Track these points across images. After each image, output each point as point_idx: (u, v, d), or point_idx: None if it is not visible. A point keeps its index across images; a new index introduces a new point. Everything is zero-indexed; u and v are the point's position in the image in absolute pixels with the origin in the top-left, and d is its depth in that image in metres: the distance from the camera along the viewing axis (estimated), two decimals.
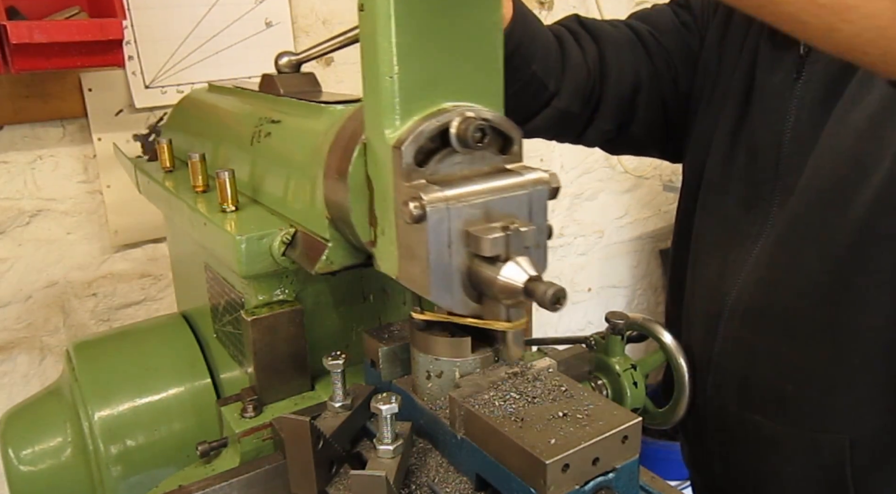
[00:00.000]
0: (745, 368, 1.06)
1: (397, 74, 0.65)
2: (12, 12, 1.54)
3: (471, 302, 0.68)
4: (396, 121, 0.66)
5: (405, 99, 0.66)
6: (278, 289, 0.92)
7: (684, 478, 2.71)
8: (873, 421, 0.97)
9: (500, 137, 0.71)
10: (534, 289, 0.62)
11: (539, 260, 0.68)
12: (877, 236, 0.91)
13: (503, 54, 0.71)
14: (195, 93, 1.33)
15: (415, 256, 0.66)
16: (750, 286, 1.04)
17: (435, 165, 0.67)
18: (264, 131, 0.95)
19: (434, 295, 0.66)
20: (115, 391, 1.05)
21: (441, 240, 0.64)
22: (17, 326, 1.83)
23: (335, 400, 0.80)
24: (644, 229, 3.22)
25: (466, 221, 0.65)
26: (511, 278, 0.63)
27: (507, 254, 0.64)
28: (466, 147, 0.66)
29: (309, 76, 1.02)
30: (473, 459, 0.70)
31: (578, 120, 1.15)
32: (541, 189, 0.69)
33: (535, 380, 0.73)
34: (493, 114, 0.70)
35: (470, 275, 0.66)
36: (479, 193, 0.66)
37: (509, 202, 0.67)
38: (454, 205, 0.64)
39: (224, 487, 0.78)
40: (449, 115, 0.66)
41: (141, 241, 1.94)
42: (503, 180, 0.68)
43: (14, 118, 1.71)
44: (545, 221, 0.70)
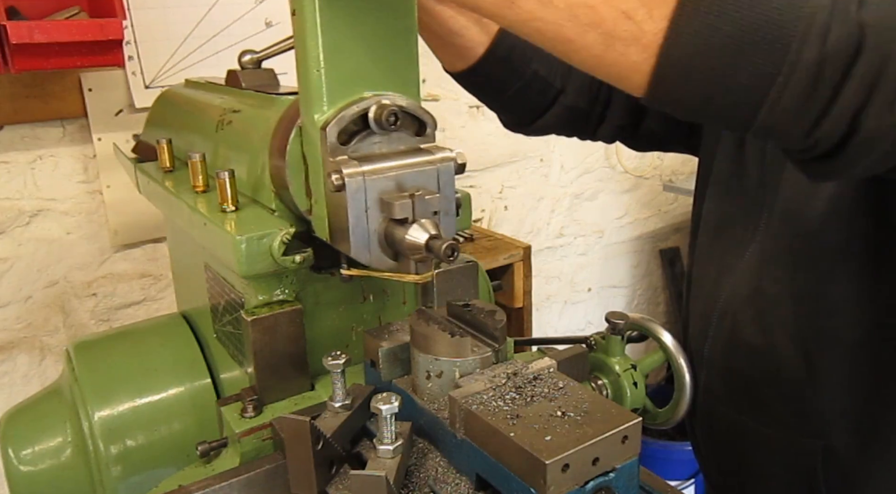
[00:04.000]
0: (731, 370, 1.07)
1: (323, 69, 0.77)
2: (12, 12, 1.54)
3: (387, 259, 0.80)
4: (324, 107, 0.78)
5: (330, 89, 0.78)
6: (278, 289, 0.92)
7: (684, 478, 2.72)
8: (844, 430, 0.98)
9: (415, 122, 0.83)
10: (432, 245, 0.74)
11: (448, 225, 0.80)
12: (830, 248, 0.92)
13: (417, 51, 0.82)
14: (174, 88, 1.38)
15: (340, 221, 0.78)
16: (737, 290, 1.05)
17: (356, 144, 0.79)
18: (227, 120, 1.04)
19: (354, 252, 0.78)
20: (115, 391, 1.05)
21: (359, 205, 0.76)
22: (17, 326, 1.83)
23: (335, 400, 0.80)
24: (644, 229, 3.22)
25: (381, 191, 0.77)
26: (415, 237, 0.75)
27: (413, 217, 0.76)
28: (382, 129, 0.79)
29: (269, 71, 1.13)
30: (473, 459, 0.70)
31: (589, 116, 1.16)
32: (448, 164, 0.81)
33: (535, 380, 0.73)
34: (407, 101, 0.82)
35: (385, 236, 0.78)
36: (393, 168, 0.78)
37: (419, 175, 0.79)
38: (370, 177, 0.76)
39: (224, 487, 0.78)
40: (368, 102, 0.79)
41: (141, 241, 1.94)
42: (414, 157, 0.80)
43: (14, 118, 1.72)
44: (453, 193, 0.82)
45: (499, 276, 2.23)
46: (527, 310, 2.30)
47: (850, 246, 0.92)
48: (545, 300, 2.93)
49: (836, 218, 0.91)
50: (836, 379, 0.97)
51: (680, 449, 2.65)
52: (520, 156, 2.71)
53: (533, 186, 2.79)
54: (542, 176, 2.80)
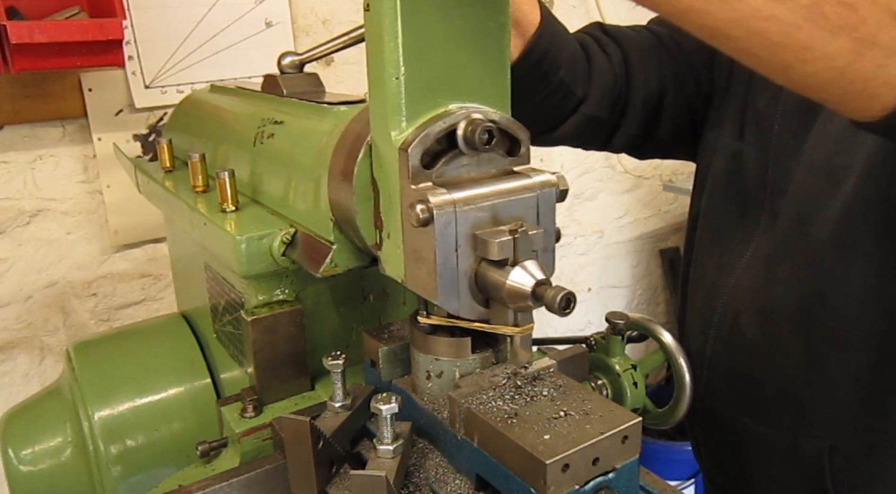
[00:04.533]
0: (733, 370, 1.07)
1: (404, 75, 0.65)
2: (12, 12, 1.54)
3: (478, 307, 0.68)
4: (402, 123, 0.66)
5: (411, 100, 0.66)
6: (278, 289, 0.92)
7: (684, 478, 2.72)
8: (851, 429, 0.98)
9: (507, 139, 0.70)
10: (542, 294, 0.62)
11: (547, 263, 0.67)
12: (846, 249, 0.92)
13: (509, 56, 0.71)
14: (197, 94, 1.32)
15: (421, 260, 0.66)
16: (738, 290, 1.05)
17: (441, 167, 0.66)
18: (267, 132, 0.94)
19: (441, 299, 0.66)
20: (115, 391, 1.05)
21: (448, 243, 0.64)
22: (17, 326, 1.83)
23: (335, 400, 0.80)
24: (644, 229, 3.22)
25: (474, 224, 0.65)
26: (519, 282, 0.63)
27: (514, 258, 0.64)
28: (473, 149, 0.66)
29: (312, 76, 1.02)
30: (473, 459, 0.70)
31: (606, 126, 1.15)
32: (548, 191, 0.69)
33: (535, 380, 0.73)
34: (500, 115, 0.69)
35: (477, 279, 0.66)
36: (487, 196, 0.65)
37: (517, 204, 0.67)
38: (461, 208, 0.64)
39: (224, 487, 0.78)
40: (456, 117, 0.66)
41: (141, 241, 1.94)
42: (511, 182, 0.68)
43: (14, 118, 1.71)
44: (553, 224, 0.70)
45: None
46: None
47: (863, 246, 0.92)
48: None
49: (852, 219, 0.91)
50: (842, 377, 0.96)
51: (680, 449, 2.65)
52: None
53: None
54: None
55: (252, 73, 1.93)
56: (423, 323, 0.74)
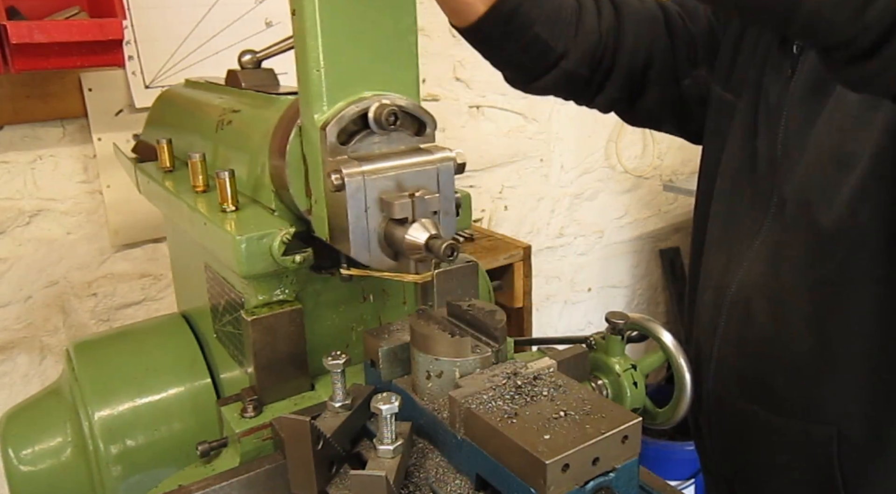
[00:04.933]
0: (742, 360, 1.08)
1: (323, 68, 0.77)
2: (12, 12, 1.54)
3: (386, 259, 0.80)
4: (324, 107, 0.78)
5: (330, 89, 0.78)
6: (278, 289, 0.92)
7: (684, 478, 2.72)
8: (859, 415, 0.99)
9: (415, 122, 0.83)
10: (432, 245, 0.74)
11: (448, 225, 0.81)
12: (854, 233, 0.94)
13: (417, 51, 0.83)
14: (173, 88, 1.39)
15: (340, 221, 0.78)
16: (747, 281, 1.06)
17: (356, 144, 0.79)
18: (227, 119, 1.05)
19: (354, 252, 0.78)
20: (115, 391, 1.05)
21: (358, 205, 0.76)
22: (17, 326, 1.83)
23: (335, 400, 0.80)
24: (644, 229, 3.22)
25: (381, 190, 0.77)
26: (414, 236, 0.75)
27: (413, 217, 0.76)
28: (382, 128, 0.79)
29: (269, 71, 1.14)
30: (473, 459, 0.70)
31: (589, 84, 1.17)
32: (447, 164, 0.81)
33: (535, 380, 0.73)
34: (407, 101, 0.82)
35: (385, 236, 0.78)
36: (393, 168, 0.78)
37: (419, 175, 0.79)
38: (370, 177, 0.76)
39: (224, 487, 0.78)
40: (368, 102, 0.79)
41: (141, 241, 1.94)
42: (414, 157, 0.80)
43: (14, 118, 1.71)
44: (453, 192, 0.82)
45: (499, 276, 2.23)
46: (527, 310, 2.29)
47: (872, 231, 0.92)
48: (545, 300, 2.93)
49: (862, 205, 0.92)
50: (852, 364, 0.97)
51: (680, 449, 2.65)
52: (520, 156, 2.71)
53: (533, 186, 2.79)
54: (542, 176, 2.80)
55: None
56: (345, 274, 0.86)
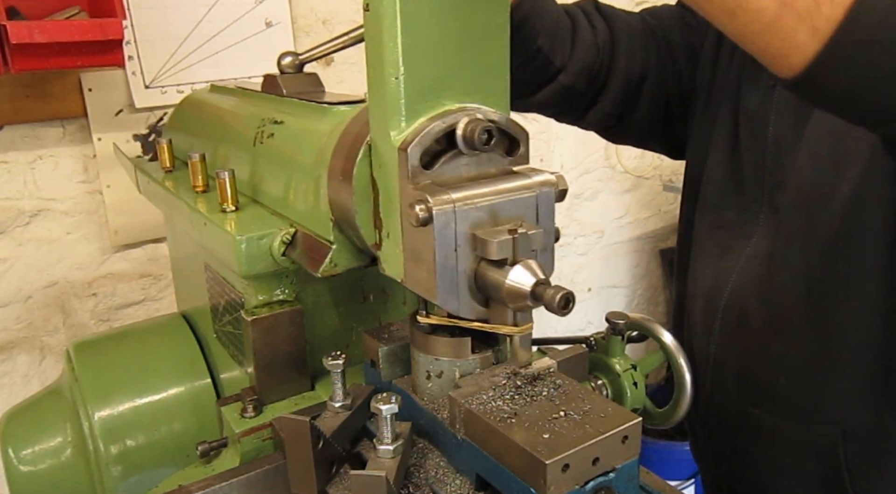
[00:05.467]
0: (741, 364, 1.08)
1: (403, 75, 0.65)
2: (12, 12, 1.54)
3: (477, 306, 0.68)
4: (402, 123, 0.66)
5: (411, 100, 0.66)
6: (278, 289, 0.92)
7: (684, 478, 2.72)
8: (864, 412, 0.99)
9: (506, 139, 0.71)
10: (542, 294, 0.62)
11: (546, 263, 0.68)
12: (855, 230, 0.94)
13: (509, 56, 0.71)
14: (197, 94, 1.32)
15: (421, 259, 0.66)
16: (742, 285, 1.06)
17: (441, 167, 0.67)
18: (267, 132, 0.94)
19: (441, 299, 0.66)
20: (115, 391, 1.05)
21: (447, 243, 0.64)
22: (17, 326, 1.83)
23: (335, 400, 0.80)
24: (644, 229, 3.22)
25: (473, 224, 0.65)
26: (519, 282, 0.63)
27: (514, 258, 0.64)
28: (473, 149, 0.66)
29: (312, 76, 1.02)
30: (473, 459, 0.70)
31: (582, 98, 1.17)
32: (548, 191, 0.69)
33: (535, 380, 0.73)
34: (499, 115, 0.70)
35: (476, 279, 0.66)
36: (486, 195, 0.66)
37: (516, 204, 0.67)
38: (461, 208, 0.64)
39: (224, 487, 0.78)
40: (455, 117, 0.66)
41: (141, 241, 1.94)
42: (510, 182, 0.68)
43: (14, 118, 1.71)
44: (553, 224, 0.70)
45: None
46: None
47: (873, 228, 0.93)
48: None
49: (861, 203, 0.93)
50: (855, 361, 0.97)
51: (680, 449, 2.65)
52: None
53: None
54: None
55: (252, 73, 1.92)
56: (423, 323, 0.74)
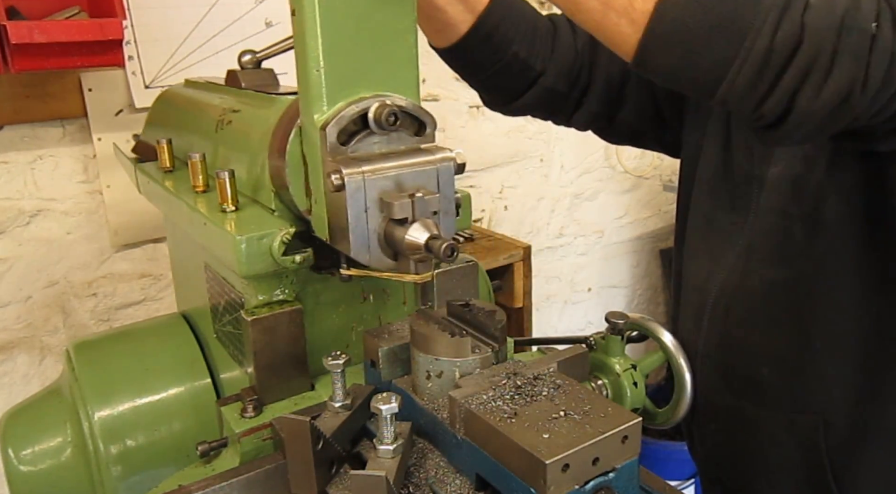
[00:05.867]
0: (727, 356, 1.10)
1: (323, 68, 0.77)
2: (12, 12, 1.54)
3: (386, 259, 0.79)
4: (324, 107, 0.78)
5: (330, 89, 0.78)
6: (278, 289, 0.92)
7: (684, 478, 2.72)
8: (843, 403, 1.00)
9: (415, 122, 0.83)
10: (432, 245, 0.74)
11: (448, 225, 0.80)
12: (826, 225, 0.97)
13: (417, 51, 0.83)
14: (173, 88, 1.39)
15: (339, 221, 0.78)
16: (729, 281, 1.08)
17: (356, 144, 0.79)
18: (227, 119, 1.05)
19: (354, 252, 0.77)
20: (115, 391, 1.05)
21: (358, 205, 0.76)
22: (17, 326, 1.83)
23: (335, 400, 0.80)
24: (644, 229, 3.22)
25: (381, 190, 0.77)
26: (415, 236, 0.75)
27: (413, 217, 0.76)
28: (382, 129, 0.79)
29: (269, 71, 1.14)
30: (473, 459, 0.70)
31: (567, 100, 1.19)
32: (447, 164, 0.81)
33: (535, 380, 0.73)
34: (407, 101, 0.82)
35: (385, 236, 0.78)
36: (392, 167, 0.78)
37: (419, 175, 0.79)
38: (369, 177, 0.76)
39: (224, 487, 0.79)
40: (368, 102, 0.79)
41: (141, 241, 1.94)
42: (414, 157, 0.80)
43: (14, 118, 1.71)
44: (452, 192, 0.82)
45: (499, 276, 2.23)
46: (527, 310, 2.29)
47: (844, 222, 0.95)
48: (545, 300, 2.93)
49: (830, 197, 0.95)
50: (835, 352, 0.99)
51: (680, 449, 2.64)
52: (520, 156, 2.71)
53: (533, 186, 2.79)
54: (542, 176, 2.80)
55: None
56: (344, 274, 0.86)
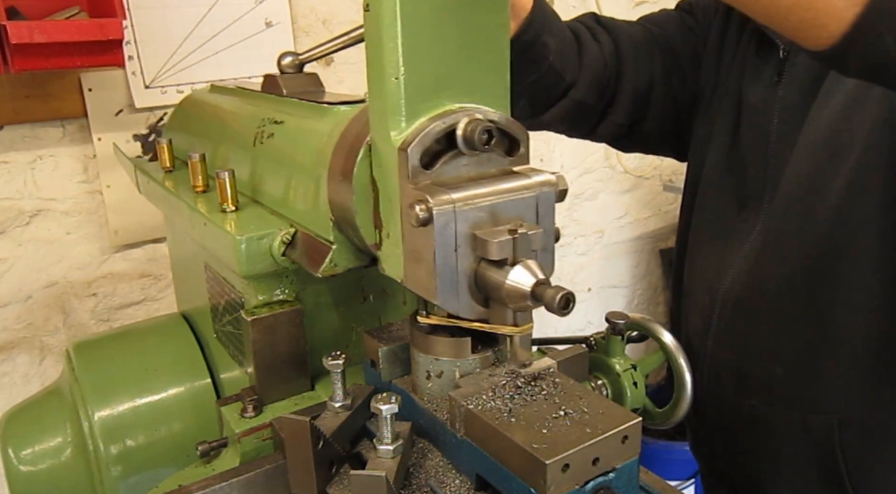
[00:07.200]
0: (738, 356, 1.10)
1: (403, 75, 0.65)
2: (12, 12, 1.54)
3: (477, 306, 0.68)
4: (402, 123, 0.66)
5: (411, 100, 0.66)
6: (278, 289, 0.92)
7: (684, 478, 2.72)
8: (859, 401, 1.00)
9: (506, 139, 0.71)
10: (542, 294, 0.62)
11: (546, 263, 0.67)
12: (851, 221, 0.96)
13: (510, 54, 0.71)
14: (197, 94, 1.33)
15: (421, 259, 0.66)
16: (740, 279, 1.08)
17: (441, 167, 0.67)
18: (267, 132, 0.94)
19: (441, 299, 0.66)
20: (115, 391, 1.05)
21: (447, 243, 0.64)
22: (17, 326, 1.83)
23: (335, 400, 0.80)
24: (644, 229, 3.22)
25: (473, 224, 0.65)
26: (519, 282, 0.63)
27: (514, 258, 0.64)
28: (473, 149, 0.66)
29: (312, 76, 1.02)
30: (473, 459, 0.70)
31: (593, 112, 1.18)
32: (548, 191, 0.69)
33: (535, 380, 0.73)
34: (499, 115, 0.70)
35: (476, 279, 0.66)
36: (486, 195, 0.65)
37: (516, 204, 0.67)
38: (461, 208, 0.64)
39: (224, 487, 0.78)
40: (455, 117, 0.66)
41: (141, 241, 1.94)
42: (510, 182, 0.68)
43: (14, 118, 1.71)
44: (553, 224, 0.70)
45: None
46: None
47: (869, 217, 0.95)
48: None
49: (857, 192, 0.95)
50: (852, 350, 0.99)
51: (680, 449, 2.65)
52: None
53: None
54: None
55: (252, 73, 1.92)
56: (423, 323, 0.74)
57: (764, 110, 1.07)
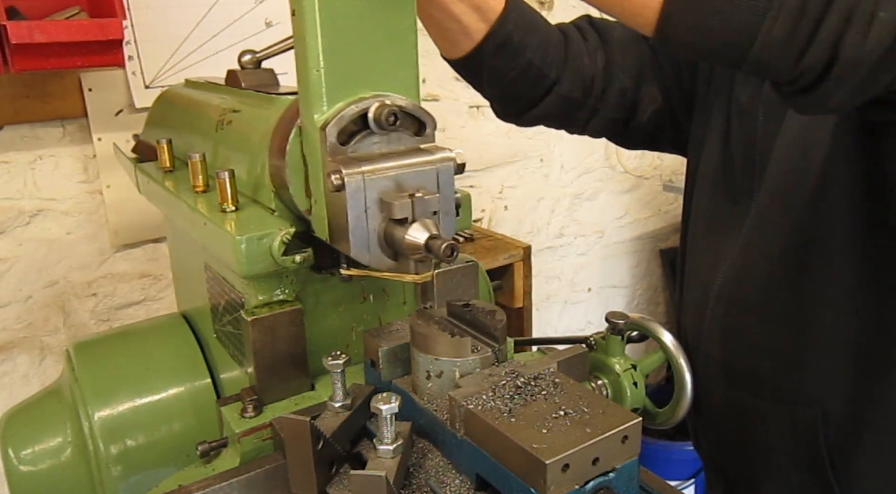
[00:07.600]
0: (728, 350, 1.11)
1: (323, 69, 0.78)
2: (12, 12, 1.54)
3: (386, 259, 0.80)
4: (324, 107, 0.79)
5: (330, 89, 0.79)
6: (278, 289, 0.92)
7: (684, 478, 2.72)
8: (842, 394, 1.01)
9: (415, 122, 0.84)
10: (432, 245, 0.74)
11: (448, 225, 0.81)
12: (825, 216, 0.97)
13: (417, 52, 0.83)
14: (173, 88, 1.38)
15: (339, 221, 0.78)
16: (731, 274, 1.09)
17: (355, 144, 0.80)
18: (227, 119, 1.05)
19: (355, 252, 0.78)
20: (115, 391, 1.05)
21: (358, 206, 0.76)
22: (17, 326, 1.83)
23: (335, 400, 0.80)
24: (644, 229, 3.22)
25: (381, 190, 0.77)
26: (414, 236, 0.75)
27: (413, 217, 0.76)
28: (382, 128, 0.79)
29: (269, 71, 1.14)
30: (473, 459, 0.70)
31: (582, 107, 1.19)
32: (447, 164, 0.81)
33: (535, 380, 0.73)
34: (407, 101, 0.82)
35: (385, 236, 0.78)
36: (392, 167, 0.78)
37: (418, 175, 0.80)
38: (369, 177, 0.76)
39: (224, 487, 0.78)
40: (368, 102, 0.79)
41: (141, 241, 1.94)
42: (414, 158, 0.80)
43: (14, 118, 1.72)
44: (452, 192, 0.82)
45: (499, 276, 2.23)
46: (527, 310, 2.30)
47: (843, 213, 0.96)
48: (545, 300, 2.93)
49: (829, 187, 0.96)
50: (834, 344, 1.00)
51: (680, 449, 2.65)
52: (520, 156, 2.71)
53: (533, 186, 2.79)
54: (542, 176, 2.80)
55: None
56: (344, 274, 0.87)
57: (751, 108, 1.08)
